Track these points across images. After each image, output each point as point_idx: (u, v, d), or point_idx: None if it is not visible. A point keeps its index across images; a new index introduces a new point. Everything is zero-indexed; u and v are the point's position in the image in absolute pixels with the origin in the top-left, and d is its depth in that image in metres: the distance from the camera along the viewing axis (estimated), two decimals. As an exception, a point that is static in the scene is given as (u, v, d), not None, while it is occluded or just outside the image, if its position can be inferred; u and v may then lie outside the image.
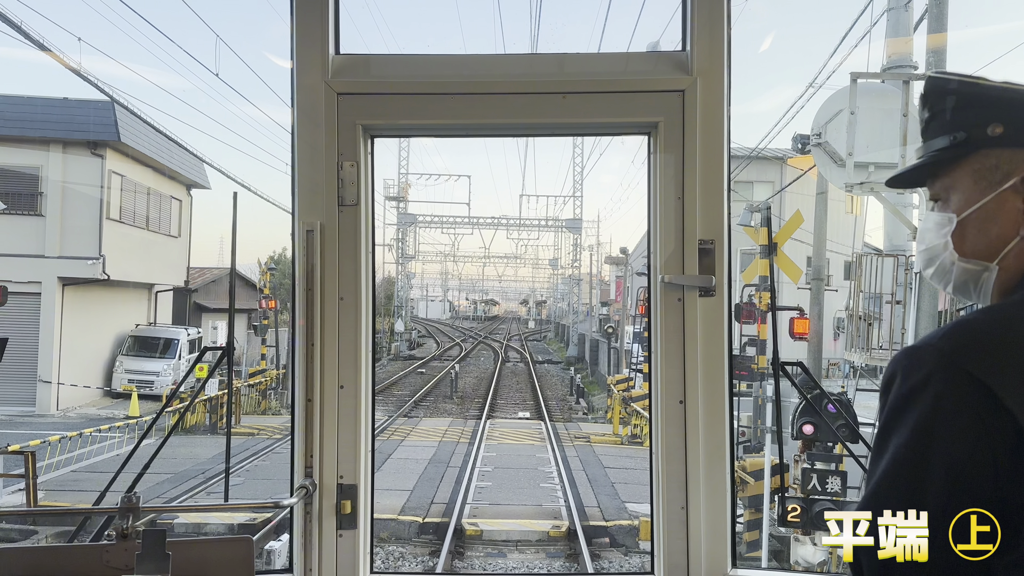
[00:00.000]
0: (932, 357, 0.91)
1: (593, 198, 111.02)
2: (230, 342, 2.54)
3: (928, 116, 1.09)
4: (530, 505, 11.56)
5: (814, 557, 7.55)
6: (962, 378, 0.87)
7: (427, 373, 28.95)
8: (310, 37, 1.93)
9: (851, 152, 7.50)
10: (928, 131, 1.09)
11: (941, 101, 1.07)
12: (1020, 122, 1.00)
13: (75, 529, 2.38)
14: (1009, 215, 1.00)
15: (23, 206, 18.44)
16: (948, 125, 1.05)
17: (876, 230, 27.49)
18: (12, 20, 10.43)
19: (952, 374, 0.88)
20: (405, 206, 40.75)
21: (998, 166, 1.01)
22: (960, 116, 1.04)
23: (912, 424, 0.90)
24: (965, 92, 1.05)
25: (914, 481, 0.90)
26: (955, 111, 1.05)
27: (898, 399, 0.93)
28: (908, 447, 0.90)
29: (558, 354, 40.63)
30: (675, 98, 1.90)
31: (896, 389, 0.93)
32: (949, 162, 1.05)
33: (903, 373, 0.93)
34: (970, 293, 1.06)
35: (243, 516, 9.70)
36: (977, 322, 0.95)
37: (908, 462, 0.90)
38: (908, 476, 0.90)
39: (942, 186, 1.08)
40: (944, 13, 7.57)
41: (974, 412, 0.86)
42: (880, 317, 8.95)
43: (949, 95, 1.06)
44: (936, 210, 1.09)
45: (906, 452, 0.90)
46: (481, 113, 1.96)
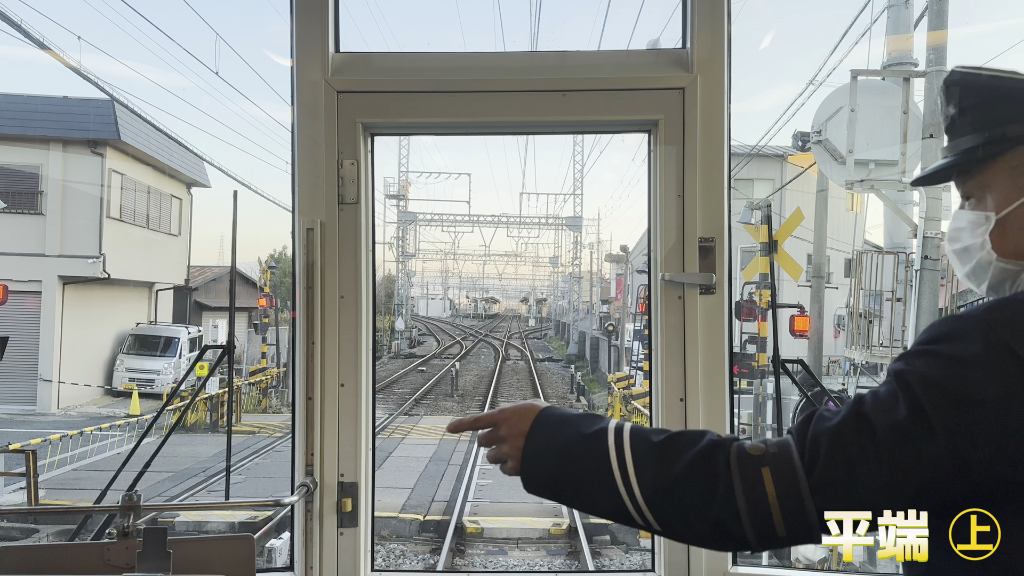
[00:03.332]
0: (975, 327, 0.89)
1: (593, 196, 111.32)
2: (230, 340, 2.54)
3: (955, 112, 1.04)
4: (531, 503, 11.56)
5: (815, 555, 7.56)
6: (1005, 354, 0.85)
7: (428, 371, 28.96)
8: (310, 35, 1.93)
9: (851, 149, 7.51)
10: (956, 128, 1.05)
11: (971, 96, 1.03)
12: None
13: (76, 528, 2.38)
14: None
15: (23, 205, 18.44)
16: (980, 122, 1.01)
17: (876, 227, 27.50)
18: (12, 19, 10.43)
19: (995, 349, 0.86)
20: (405, 204, 40.75)
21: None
22: (992, 112, 1.00)
23: (948, 390, 0.86)
24: (997, 87, 1.01)
25: (927, 439, 0.86)
26: (987, 107, 1.01)
27: (937, 361, 0.89)
28: (933, 404, 0.86)
29: (558, 352, 40.64)
30: (675, 95, 1.90)
31: (938, 350, 0.90)
32: (983, 160, 1.01)
33: (946, 339, 0.90)
34: (1005, 292, 1.03)
35: (244, 514, 9.71)
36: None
37: (923, 420, 0.86)
38: (923, 435, 0.86)
39: (976, 184, 1.03)
40: (944, 10, 7.56)
41: (1008, 381, 0.84)
42: (880, 314, 8.95)
43: (980, 90, 1.02)
44: (969, 208, 1.05)
45: (930, 408, 0.86)
46: (481, 111, 1.95)
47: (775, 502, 0.89)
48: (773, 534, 0.90)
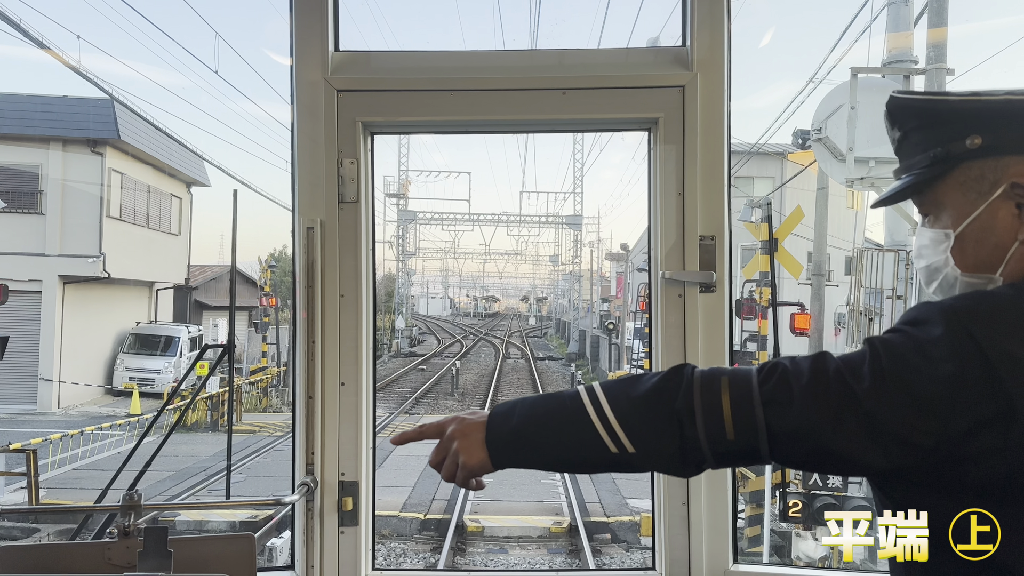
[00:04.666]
0: (940, 313, 0.92)
1: (593, 194, 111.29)
2: (231, 339, 2.55)
3: (900, 135, 1.09)
4: (531, 501, 11.58)
5: (816, 552, 7.56)
6: (962, 334, 0.88)
7: (428, 370, 28.95)
8: (309, 34, 1.93)
9: (852, 147, 7.49)
10: (903, 150, 1.10)
11: (910, 120, 1.07)
12: (996, 130, 1.00)
13: (77, 527, 2.39)
14: (1004, 222, 1.00)
15: (23, 204, 18.44)
16: (924, 143, 1.05)
17: (877, 225, 27.49)
18: (11, 18, 10.43)
19: (953, 329, 0.89)
20: (405, 203, 40.72)
21: (983, 176, 1.01)
22: (934, 133, 1.04)
23: (906, 343, 0.92)
24: (932, 109, 1.05)
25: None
26: (927, 128, 1.05)
27: (901, 333, 0.94)
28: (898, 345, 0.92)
29: (559, 350, 40.63)
30: (675, 93, 1.90)
31: (902, 328, 0.95)
32: (932, 179, 1.05)
33: (916, 320, 0.94)
34: None
35: (245, 513, 9.71)
36: (998, 295, 0.95)
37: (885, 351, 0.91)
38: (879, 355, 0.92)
39: (931, 203, 1.08)
40: (944, 7, 7.55)
41: (963, 362, 0.87)
42: (881, 312, 8.95)
43: (918, 113, 1.06)
44: (928, 225, 1.09)
45: (895, 347, 0.92)
46: (481, 109, 1.95)
47: (727, 405, 0.95)
48: (723, 437, 0.95)
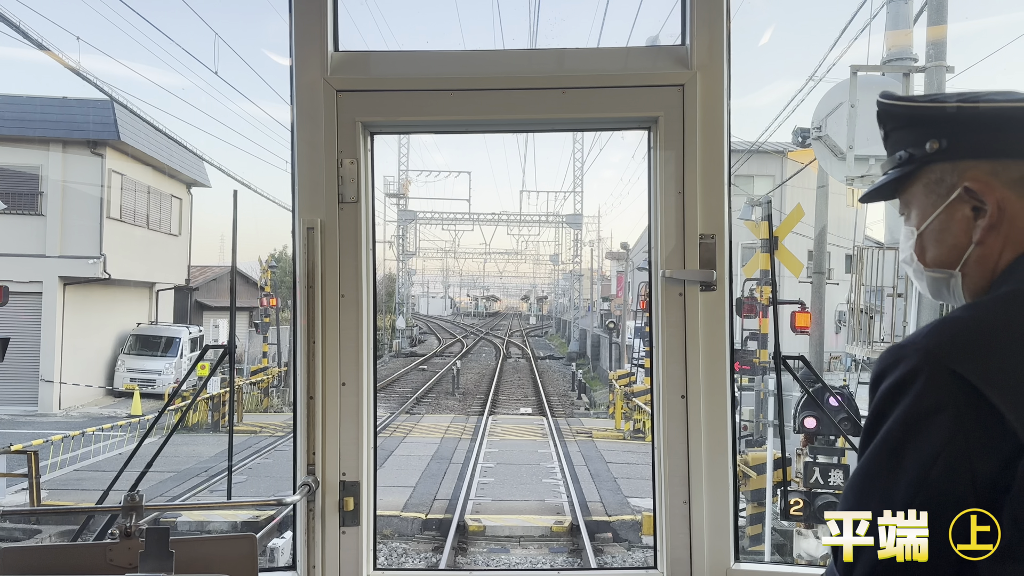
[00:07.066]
0: (916, 356, 0.92)
1: (593, 193, 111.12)
2: (231, 340, 2.55)
3: (883, 136, 1.17)
4: (533, 501, 11.58)
5: (817, 551, 7.56)
6: (945, 376, 0.89)
7: (429, 370, 28.96)
8: (309, 34, 1.93)
9: (852, 145, 7.49)
10: (886, 150, 1.16)
11: (890, 121, 1.14)
12: (956, 136, 1.05)
13: (78, 528, 2.38)
14: (960, 224, 1.05)
15: (23, 206, 18.44)
16: (898, 144, 1.12)
17: (877, 223, 27.44)
18: (11, 20, 10.42)
19: (935, 372, 0.90)
20: (405, 203, 40.70)
21: (942, 179, 1.06)
22: (904, 135, 1.11)
23: (893, 420, 0.92)
24: (908, 113, 1.11)
25: (888, 478, 0.92)
26: (903, 130, 1.12)
27: (883, 398, 0.95)
28: (886, 443, 0.93)
29: (559, 350, 40.65)
30: (675, 92, 1.90)
31: (882, 388, 0.96)
32: (904, 179, 1.11)
33: (889, 371, 0.95)
34: (945, 296, 1.12)
35: (246, 514, 9.71)
36: (960, 320, 0.97)
37: (884, 459, 0.93)
38: (884, 474, 0.93)
39: (903, 201, 1.14)
40: (944, 5, 7.55)
41: (953, 411, 0.87)
42: (881, 310, 8.96)
43: (894, 116, 1.13)
44: (904, 222, 1.15)
45: (883, 447, 0.93)
46: (481, 109, 1.95)
47: None
48: None
